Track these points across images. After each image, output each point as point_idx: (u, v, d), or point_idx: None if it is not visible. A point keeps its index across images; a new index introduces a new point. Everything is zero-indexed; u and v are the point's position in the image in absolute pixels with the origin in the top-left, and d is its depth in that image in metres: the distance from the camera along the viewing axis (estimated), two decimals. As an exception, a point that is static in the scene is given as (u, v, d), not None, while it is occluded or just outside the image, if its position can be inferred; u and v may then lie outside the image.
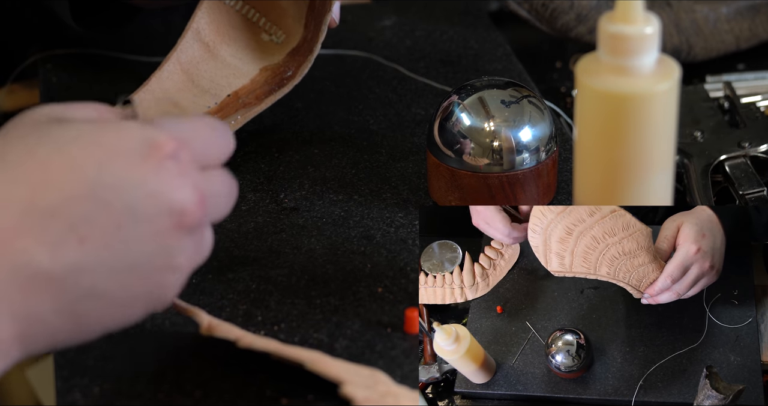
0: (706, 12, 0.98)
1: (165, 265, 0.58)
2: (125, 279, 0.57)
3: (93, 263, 0.55)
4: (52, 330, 0.56)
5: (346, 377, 0.63)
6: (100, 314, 0.57)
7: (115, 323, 0.59)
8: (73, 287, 0.55)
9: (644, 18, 0.60)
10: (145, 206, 0.56)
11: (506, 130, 0.77)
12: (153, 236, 0.57)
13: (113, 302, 0.57)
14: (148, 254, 0.57)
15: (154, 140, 0.57)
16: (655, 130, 0.62)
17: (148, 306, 0.59)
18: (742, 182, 0.81)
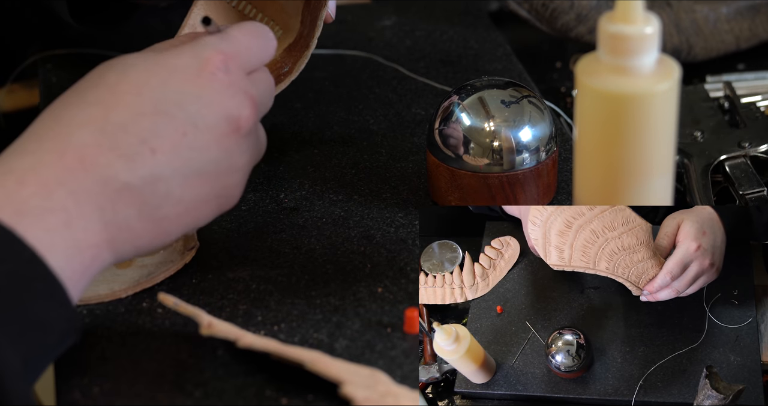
0: (706, 12, 0.98)
1: (229, 167, 0.65)
2: (196, 183, 0.64)
3: (166, 171, 0.62)
4: (136, 235, 0.63)
5: (346, 377, 0.63)
6: (177, 217, 0.64)
7: (191, 225, 0.66)
8: (152, 195, 0.62)
9: (644, 18, 0.60)
10: (205, 115, 0.63)
11: (506, 130, 0.77)
12: (215, 141, 0.64)
13: (188, 205, 0.64)
14: (214, 159, 0.64)
15: (204, 57, 0.64)
16: (655, 130, 0.62)
17: (219, 206, 0.66)
18: (742, 182, 0.81)
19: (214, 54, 0.65)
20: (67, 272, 0.59)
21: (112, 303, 0.73)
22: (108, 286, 0.74)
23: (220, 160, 0.64)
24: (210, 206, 0.66)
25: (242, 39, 0.67)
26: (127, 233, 0.62)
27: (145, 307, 0.73)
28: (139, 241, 0.63)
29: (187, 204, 0.64)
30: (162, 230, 0.64)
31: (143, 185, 0.62)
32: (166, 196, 0.63)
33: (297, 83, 0.98)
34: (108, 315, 0.72)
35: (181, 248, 0.77)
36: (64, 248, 0.59)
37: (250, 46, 0.67)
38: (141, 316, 0.72)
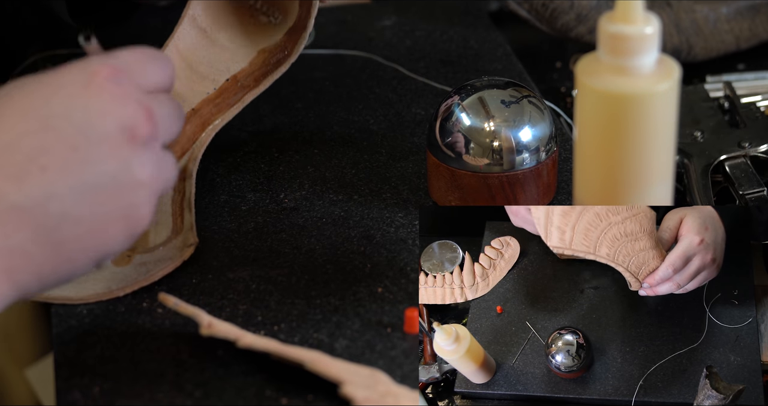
0: (706, 12, 0.98)
1: (129, 181, 0.60)
2: (94, 200, 0.59)
3: (59, 188, 0.58)
4: (35, 262, 0.58)
5: (346, 377, 0.63)
6: (79, 240, 0.59)
7: (98, 249, 0.60)
8: (45, 215, 0.57)
9: (644, 18, 0.60)
10: (96, 125, 0.59)
11: (506, 130, 0.77)
12: (110, 153, 0.59)
13: (89, 225, 0.59)
14: (111, 172, 0.59)
15: (91, 70, 0.60)
16: (655, 130, 0.62)
17: (127, 228, 0.61)
18: (742, 182, 0.81)
19: (101, 67, 0.60)
20: None
21: (112, 303, 0.73)
22: (105, 284, 0.73)
23: (118, 173, 0.59)
24: (116, 227, 0.60)
25: (139, 58, 0.63)
26: (25, 259, 0.58)
27: (145, 307, 0.73)
28: (41, 268, 0.58)
29: (88, 225, 0.59)
30: (64, 256, 0.59)
31: (35, 206, 0.57)
32: (62, 216, 0.58)
33: (297, 83, 0.98)
34: (108, 315, 0.72)
35: (180, 244, 0.76)
36: None
37: (147, 65, 0.63)
38: (141, 316, 0.72)
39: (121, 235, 0.61)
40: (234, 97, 0.83)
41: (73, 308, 0.73)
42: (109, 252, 0.61)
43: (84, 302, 0.73)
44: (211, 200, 0.83)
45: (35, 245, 0.58)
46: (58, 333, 0.71)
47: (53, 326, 0.72)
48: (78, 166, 0.58)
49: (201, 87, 0.82)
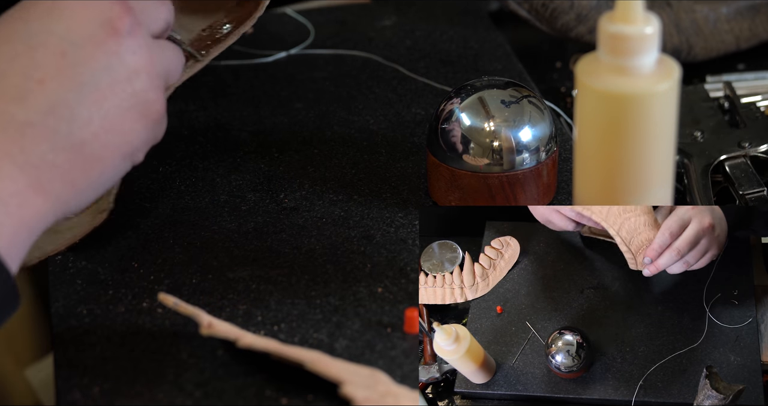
0: (706, 12, 0.98)
1: (123, 71, 0.63)
2: (96, 97, 0.62)
3: (60, 95, 0.61)
4: (62, 168, 0.61)
5: (346, 377, 0.63)
6: (97, 138, 0.62)
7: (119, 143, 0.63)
8: (56, 123, 0.60)
9: (644, 18, 0.60)
10: (76, 29, 0.62)
11: (506, 130, 0.77)
12: (98, 50, 0.62)
13: (103, 123, 0.62)
14: (104, 67, 0.62)
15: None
16: (655, 130, 0.62)
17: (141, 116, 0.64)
18: (742, 182, 0.81)
19: None
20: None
21: (112, 303, 0.73)
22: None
23: (111, 67, 0.62)
24: (131, 118, 0.63)
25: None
26: (51, 170, 0.61)
27: (145, 307, 0.73)
28: (71, 174, 0.61)
29: (100, 122, 0.62)
30: (89, 156, 0.62)
31: (44, 117, 0.60)
32: (72, 120, 0.61)
33: (297, 83, 0.98)
34: (108, 315, 0.72)
35: (94, 210, 0.76)
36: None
37: None
38: (141, 316, 0.72)
39: (138, 124, 0.64)
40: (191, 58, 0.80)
41: (73, 308, 0.73)
42: (132, 145, 0.64)
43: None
44: (211, 200, 0.83)
45: (56, 153, 0.61)
46: (58, 333, 0.71)
47: (53, 326, 0.72)
48: (71, 70, 0.61)
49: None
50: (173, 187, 0.85)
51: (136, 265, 0.77)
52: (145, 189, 0.85)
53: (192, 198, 0.84)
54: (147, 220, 0.81)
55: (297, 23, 1.07)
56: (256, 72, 1.00)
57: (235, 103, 0.96)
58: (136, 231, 0.80)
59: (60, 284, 0.75)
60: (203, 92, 0.96)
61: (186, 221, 0.81)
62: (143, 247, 0.78)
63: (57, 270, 0.76)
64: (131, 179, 0.85)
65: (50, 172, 0.61)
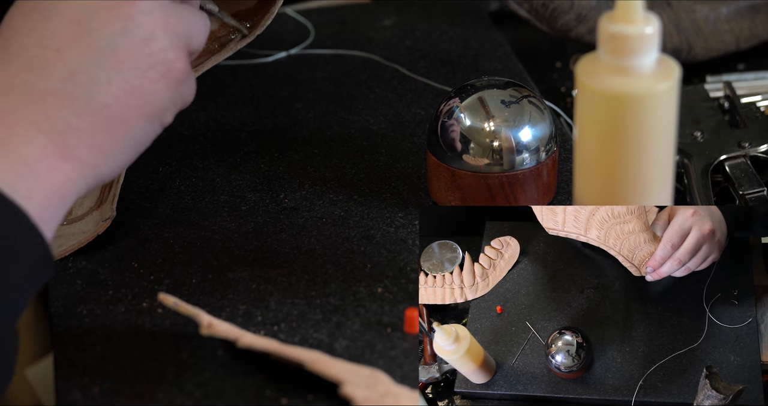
0: (706, 12, 0.98)
1: (139, 33, 0.64)
2: (114, 60, 0.63)
3: (78, 61, 0.62)
4: (87, 133, 0.62)
5: (346, 377, 0.63)
6: (119, 101, 0.63)
7: (143, 105, 0.64)
8: (77, 89, 0.62)
9: (644, 18, 0.60)
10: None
11: (506, 130, 0.77)
12: (111, 14, 0.63)
13: (123, 86, 0.63)
14: (119, 30, 0.63)
15: None
16: (655, 130, 0.62)
17: (162, 76, 0.65)
18: (742, 182, 0.81)
19: None
20: (22, 192, 0.59)
21: (112, 303, 0.73)
22: None
23: (127, 30, 0.63)
24: (151, 79, 0.64)
25: None
26: (75, 134, 0.62)
27: (145, 307, 0.73)
28: (95, 138, 0.62)
29: (120, 84, 0.63)
30: (113, 119, 0.63)
31: (64, 84, 0.61)
32: (92, 84, 0.62)
33: (297, 83, 0.98)
34: (108, 315, 0.72)
35: (97, 218, 0.76)
36: (12, 168, 0.59)
37: None
38: (141, 316, 0.72)
39: (158, 84, 0.64)
40: (198, 59, 0.80)
41: (73, 308, 0.73)
42: (156, 106, 0.65)
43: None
44: (211, 200, 0.83)
45: (79, 118, 0.62)
46: (58, 333, 0.71)
47: (53, 326, 0.72)
48: (87, 36, 0.62)
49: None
50: (173, 187, 0.85)
51: (136, 265, 0.77)
52: (145, 189, 0.85)
53: (192, 198, 0.84)
54: (147, 220, 0.81)
55: (297, 23, 1.07)
56: (256, 72, 1.00)
57: (235, 103, 0.96)
58: (136, 231, 0.80)
59: (60, 284, 0.75)
60: (203, 92, 0.96)
61: (186, 221, 0.81)
62: (143, 247, 0.78)
63: (57, 270, 0.76)
64: (131, 179, 0.85)
65: (75, 137, 0.62)
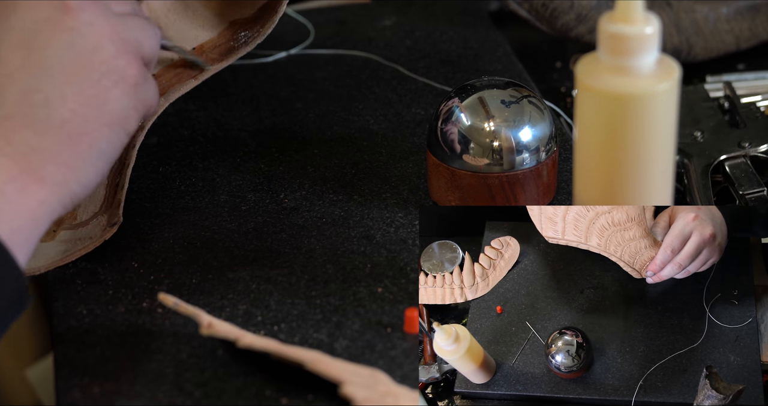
0: (706, 12, 0.98)
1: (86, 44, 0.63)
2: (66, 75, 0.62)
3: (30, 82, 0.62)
4: (51, 152, 0.61)
5: (346, 377, 0.63)
6: (77, 115, 0.62)
7: (102, 115, 0.63)
8: (33, 109, 0.61)
9: (644, 18, 0.60)
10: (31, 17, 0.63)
11: (506, 130, 0.77)
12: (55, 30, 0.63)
13: (79, 99, 0.62)
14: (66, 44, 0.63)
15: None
16: (655, 130, 0.62)
17: (116, 84, 0.64)
18: (742, 182, 0.81)
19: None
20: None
21: (112, 303, 0.73)
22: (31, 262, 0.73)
23: (74, 43, 0.63)
24: (106, 87, 0.64)
25: None
26: (39, 154, 0.61)
27: (145, 307, 0.73)
28: (60, 155, 0.62)
29: (74, 98, 0.63)
30: (74, 134, 0.63)
31: (19, 107, 0.61)
32: (48, 102, 0.62)
33: (297, 83, 0.98)
34: (108, 315, 0.72)
35: (104, 223, 0.76)
36: None
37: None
38: (141, 316, 0.72)
39: (114, 92, 0.64)
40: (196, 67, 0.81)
41: (73, 308, 0.73)
42: (116, 112, 0.64)
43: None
44: (211, 200, 0.83)
45: (41, 137, 0.61)
46: (58, 333, 0.71)
47: (53, 326, 0.72)
48: (35, 56, 0.62)
49: (166, 53, 0.81)
50: (173, 187, 0.85)
51: (136, 265, 0.77)
52: (145, 189, 0.85)
53: (192, 198, 0.84)
54: (147, 220, 0.81)
55: (297, 23, 1.07)
56: (255, 72, 1.00)
57: (235, 103, 0.96)
58: (136, 231, 0.80)
59: (60, 284, 0.75)
60: (203, 92, 0.96)
61: (186, 221, 0.81)
62: (143, 247, 0.78)
63: (57, 270, 0.76)
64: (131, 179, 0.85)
65: (40, 157, 0.61)
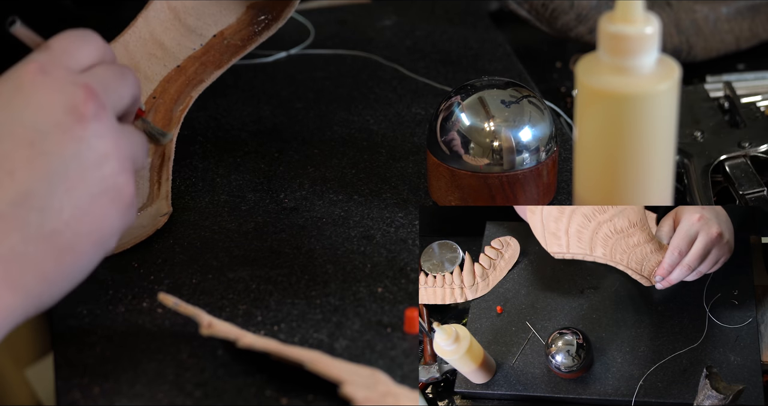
0: (706, 12, 0.98)
1: (92, 156, 0.62)
2: (67, 185, 0.60)
3: (31, 185, 0.59)
4: (34, 261, 0.59)
5: (346, 377, 0.63)
6: (70, 227, 0.60)
7: (93, 231, 0.62)
8: (27, 214, 0.59)
9: (644, 18, 0.60)
10: (42, 117, 0.61)
11: (506, 130, 0.77)
12: (65, 137, 0.61)
13: (72, 210, 0.60)
14: (73, 154, 0.61)
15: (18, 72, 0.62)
16: (655, 130, 0.62)
17: (113, 202, 0.62)
18: (742, 182, 0.81)
19: (26, 66, 0.62)
20: None
21: (112, 303, 0.73)
22: None
23: (81, 153, 0.61)
24: (102, 204, 0.62)
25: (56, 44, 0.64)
26: (22, 262, 0.59)
27: (145, 307, 0.73)
28: (43, 267, 0.60)
29: (71, 210, 0.60)
30: (61, 247, 0.60)
31: (14, 209, 0.59)
32: (43, 210, 0.60)
33: (297, 83, 0.98)
34: (108, 315, 0.72)
35: (154, 212, 0.76)
36: None
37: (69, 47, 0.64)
38: (141, 316, 0.72)
39: (110, 210, 0.62)
40: (221, 56, 0.81)
41: (73, 308, 0.73)
42: (105, 233, 0.62)
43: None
44: (211, 200, 0.83)
45: (27, 244, 0.59)
46: (58, 333, 0.71)
47: (53, 326, 0.72)
48: (40, 159, 0.60)
49: (188, 42, 0.81)
50: (173, 187, 0.85)
51: (136, 265, 0.77)
52: (145, 189, 0.85)
53: (192, 198, 0.84)
54: (147, 220, 0.81)
55: (297, 23, 1.07)
56: (255, 72, 1.00)
57: (235, 103, 0.96)
58: (136, 231, 0.80)
59: (60, 284, 0.75)
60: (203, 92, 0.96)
61: (186, 221, 0.81)
62: (143, 247, 0.78)
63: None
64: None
65: (21, 265, 0.59)
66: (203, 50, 0.80)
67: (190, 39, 0.81)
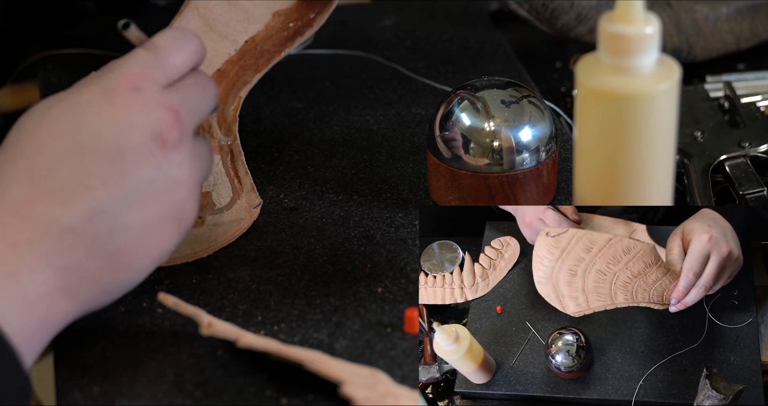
0: (706, 12, 0.98)
1: (167, 182, 0.63)
2: (138, 207, 0.62)
3: (105, 203, 0.61)
4: (94, 274, 0.61)
5: (346, 377, 0.63)
6: (131, 246, 0.62)
7: (151, 252, 0.64)
8: (96, 230, 0.61)
9: (644, 18, 0.60)
10: (127, 137, 0.62)
11: (506, 130, 0.77)
12: (145, 160, 0.62)
13: (138, 231, 0.62)
14: (149, 178, 0.62)
15: (110, 84, 0.63)
16: (655, 130, 0.62)
17: (175, 225, 0.64)
18: (742, 182, 0.81)
19: (119, 79, 0.63)
20: (15, 326, 0.59)
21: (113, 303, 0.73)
22: (190, 246, 0.76)
23: (156, 179, 0.63)
24: (166, 226, 0.64)
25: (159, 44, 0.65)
26: (83, 274, 0.61)
27: (145, 307, 0.73)
28: (101, 279, 0.62)
29: (137, 231, 0.62)
30: (121, 264, 0.63)
31: (86, 224, 0.61)
32: (112, 229, 0.61)
33: (297, 83, 0.98)
34: (108, 315, 0.72)
35: (246, 205, 0.78)
36: (11, 301, 0.59)
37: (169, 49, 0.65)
38: (141, 316, 0.72)
39: (172, 233, 0.64)
40: (257, 61, 0.82)
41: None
42: (163, 252, 0.64)
43: (170, 264, 0.75)
44: (211, 200, 0.83)
45: (91, 259, 0.61)
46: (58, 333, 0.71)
47: (53, 326, 0.72)
48: (118, 179, 0.62)
49: (221, 47, 0.82)
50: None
51: (136, 265, 0.77)
52: (145, 189, 0.85)
53: (192, 198, 0.84)
54: (147, 220, 0.81)
55: (297, 23, 1.07)
56: (256, 72, 1.00)
57: (235, 103, 0.96)
58: (136, 231, 0.80)
59: (60, 284, 0.75)
60: (203, 92, 0.96)
61: (186, 221, 0.81)
62: (143, 247, 0.78)
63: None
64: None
65: (82, 277, 0.61)
66: (239, 55, 0.82)
67: (223, 45, 0.82)
